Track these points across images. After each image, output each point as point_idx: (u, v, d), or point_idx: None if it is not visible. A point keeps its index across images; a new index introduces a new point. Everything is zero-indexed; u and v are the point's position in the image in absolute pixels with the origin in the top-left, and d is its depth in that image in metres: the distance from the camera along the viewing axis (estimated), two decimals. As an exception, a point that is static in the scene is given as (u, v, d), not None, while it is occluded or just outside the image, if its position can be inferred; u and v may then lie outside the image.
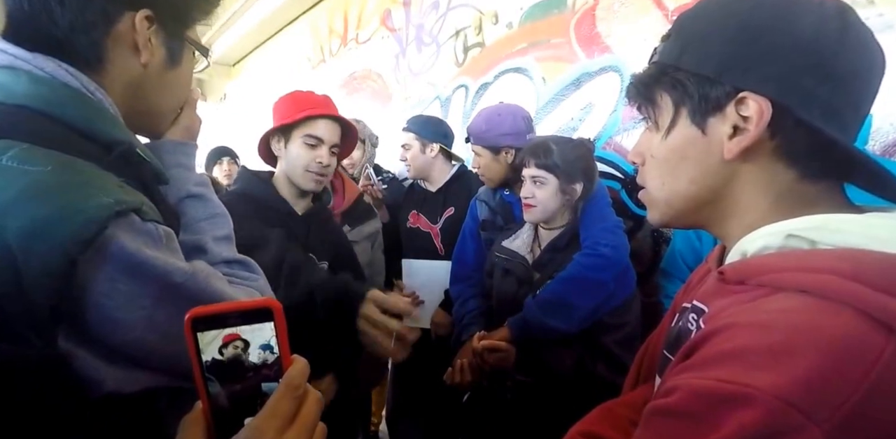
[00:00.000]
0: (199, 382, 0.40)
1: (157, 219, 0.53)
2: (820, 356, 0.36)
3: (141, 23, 0.59)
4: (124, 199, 0.48)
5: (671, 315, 0.66)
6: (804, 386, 0.35)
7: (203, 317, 0.40)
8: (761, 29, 0.46)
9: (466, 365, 1.35)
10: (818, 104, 0.45)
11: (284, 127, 1.39)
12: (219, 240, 0.70)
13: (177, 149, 0.74)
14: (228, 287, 0.59)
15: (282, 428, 0.39)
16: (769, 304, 0.42)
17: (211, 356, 0.40)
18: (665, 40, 0.53)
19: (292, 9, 3.85)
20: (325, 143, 1.40)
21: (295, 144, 1.39)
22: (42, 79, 0.54)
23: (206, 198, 0.73)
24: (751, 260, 0.48)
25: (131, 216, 0.49)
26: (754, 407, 0.35)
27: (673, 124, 0.52)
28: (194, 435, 0.39)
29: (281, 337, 0.41)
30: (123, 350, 0.50)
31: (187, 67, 0.69)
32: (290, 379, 0.41)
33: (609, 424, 0.66)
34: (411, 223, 2.06)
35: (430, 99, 2.70)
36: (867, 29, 0.47)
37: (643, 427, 0.44)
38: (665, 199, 0.55)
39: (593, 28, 1.88)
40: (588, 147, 1.39)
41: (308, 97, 1.44)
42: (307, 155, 1.38)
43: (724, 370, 0.39)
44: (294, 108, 1.40)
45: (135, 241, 0.49)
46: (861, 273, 0.39)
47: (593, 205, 1.40)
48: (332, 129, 1.42)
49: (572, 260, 1.33)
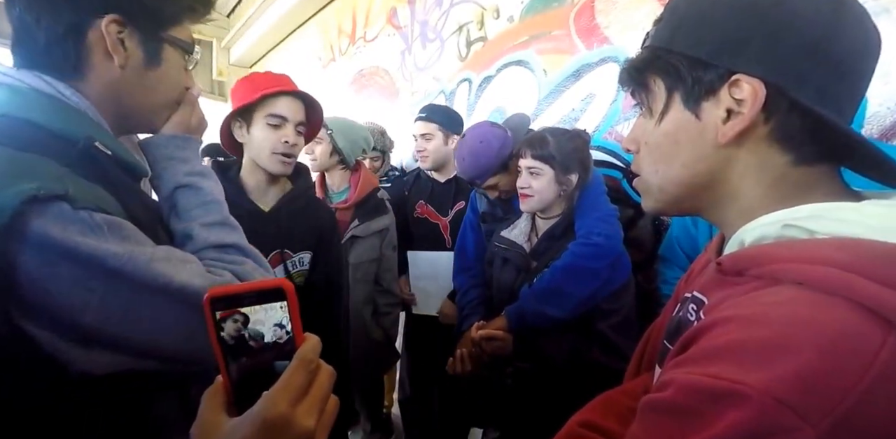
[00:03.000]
0: (220, 358, 0.41)
1: (92, 207, 0.52)
2: (815, 352, 0.33)
3: (108, 27, 0.60)
4: (47, 186, 0.49)
5: (673, 303, 0.63)
6: (798, 384, 0.32)
7: (220, 297, 0.41)
8: (754, 10, 0.43)
9: (466, 355, 1.34)
10: (812, 85, 0.42)
11: (243, 110, 1.26)
12: (207, 226, 0.69)
13: (168, 143, 0.73)
14: (185, 272, 0.57)
15: (295, 400, 0.40)
16: (766, 297, 0.39)
17: (227, 334, 0.41)
18: (657, 24, 0.50)
19: (304, 11, 3.84)
20: (289, 122, 1.27)
21: (257, 127, 1.26)
22: (20, 89, 0.58)
23: (197, 186, 0.72)
24: (748, 250, 0.45)
25: (58, 204, 0.50)
26: (747, 405, 0.32)
27: (666, 109, 0.49)
28: (215, 406, 0.41)
29: (293, 316, 0.42)
30: (86, 333, 0.51)
31: (173, 66, 0.68)
32: (303, 354, 0.42)
33: (608, 413, 0.64)
34: (419, 213, 2.02)
35: (436, 93, 2.66)
36: (863, 9, 0.44)
37: (637, 421, 0.42)
38: (659, 185, 0.52)
39: (592, 20, 1.83)
40: (584, 138, 1.36)
41: (265, 76, 1.31)
42: (272, 136, 1.26)
43: (717, 366, 0.36)
44: (251, 89, 1.26)
45: (62, 228, 0.49)
46: (859, 264, 0.36)
47: (588, 195, 1.37)
48: (295, 106, 1.29)
49: (567, 249, 1.30)
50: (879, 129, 1.17)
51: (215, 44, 5.01)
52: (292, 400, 0.39)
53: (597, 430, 0.61)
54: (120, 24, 0.61)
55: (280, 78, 1.31)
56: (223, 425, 0.39)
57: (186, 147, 0.75)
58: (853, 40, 0.43)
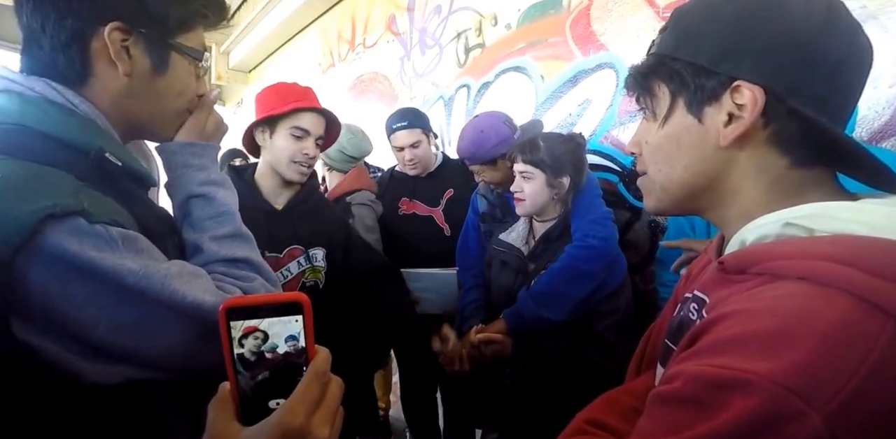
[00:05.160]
0: (230, 368, 0.41)
1: (108, 222, 0.52)
2: (818, 342, 0.34)
3: (111, 35, 0.59)
4: (64, 202, 0.49)
5: (672, 304, 0.65)
6: (803, 371, 0.33)
7: (236, 308, 0.41)
8: (753, 20, 0.45)
9: (465, 356, 1.34)
10: (807, 92, 0.44)
11: (271, 118, 1.35)
12: (219, 240, 0.68)
13: (183, 150, 0.72)
14: (198, 288, 0.56)
15: (310, 411, 0.41)
16: (768, 292, 0.41)
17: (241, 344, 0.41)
18: (662, 32, 0.52)
19: (304, 17, 3.83)
20: (311, 135, 1.36)
21: (280, 136, 1.35)
22: (31, 98, 0.57)
23: (210, 197, 0.71)
24: (749, 249, 0.46)
25: (74, 219, 0.49)
26: (754, 392, 0.34)
27: (670, 113, 0.51)
28: (223, 416, 0.41)
29: (308, 329, 0.43)
30: (96, 346, 0.51)
31: (181, 73, 0.66)
32: (317, 367, 0.43)
33: (613, 412, 0.65)
34: (405, 210, 1.98)
35: (434, 99, 2.67)
36: (854, 20, 0.46)
37: (647, 413, 0.43)
38: (661, 185, 0.54)
39: (588, 27, 1.85)
40: (578, 142, 1.38)
41: (293, 89, 1.39)
42: (293, 146, 1.34)
43: (724, 357, 0.37)
44: (280, 100, 1.35)
45: (78, 243, 0.49)
46: (858, 259, 0.37)
47: (583, 198, 1.38)
48: (319, 122, 1.39)
49: (564, 251, 1.31)
50: (868, 132, 1.19)
51: (214, 48, 5.02)
52: (308, 411, 0.41)
53: (602, 427, 0.62)
54: (124, 32, 0.60)
55: (306, 92, 1.40)
56: (238, 435, 0.40)
57: (203, 154, 0.73)
58: (846, 49, 0.45)
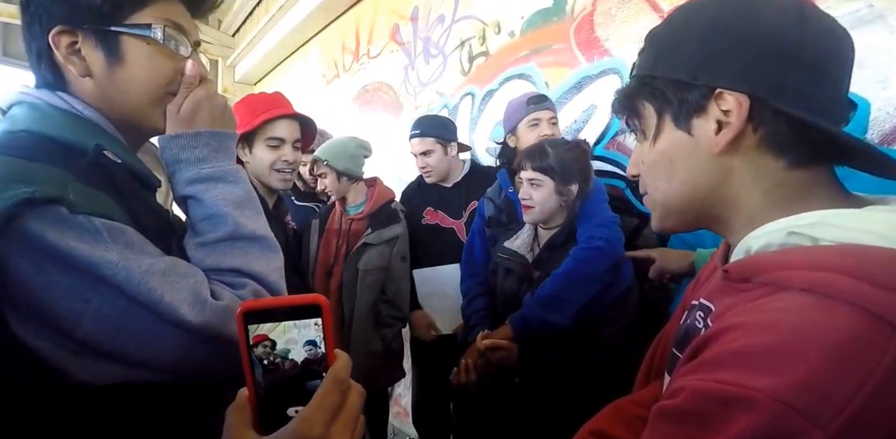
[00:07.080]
0: (248, 374, 0.40)
1: (91, 212, 0.50)
2: (822, 357, 0.33)
3: (54, 40, 0.59)
4: (43, 189, 0.48)
5: (680, 311, 0.64)
6: (806, 388, 0.32)
7: (254, 310, 0.40)
8: (725, 28, 0.46)
9: (472, 365, 1.33)
10: (790, 91, 0.44)
11: (246, 135, 1.37)
12: (207, 246, 0.63)
13: (170, 145, 0.66)
14: (183, 290, 0.53)
15: (329, 420, 0.39)
16: (773, 304, 0.40)
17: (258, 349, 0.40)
18: (641, 54, 0.53)
19: (308, 29, 3.88)
20: (287, 142, 1.40)
21: (258, 148, 1.39)
22: (38, 106, 0.60)
23: (198, 198, 0.65)
24: (754, 257, 0.46)
25: (54, 207, 0.48)
26: (757, 409, 0.33)
27: (659, 131, 0.51)
28: (240, 424, 0.40)
29: (327, 334, 0.41)
30: (82, 342, 0.49)
31: (140, 56, 0.62)
32: (336, 373, 0.41)
33: (619, 422, 0.64)
34: (428, 220, 1.99)
35: (439, 107, 2.68)
36: (826, 15, 0.46)
37: (649, 428, 0.42)
38: (661, 203, 0.54)
39: (592, 33, 1.85)
40: (583, 148, 1.38)
41: (261, 99, 1.43)
42: (271, 155, 1.39)
43: (727, 372, 0.36)
44: (250, 113, 1.37)
45: (59, 232, 0.48)
46: (863, 270, 0.36)
47: (589, 203, 1.38)
48: (292, 127, 1.42)
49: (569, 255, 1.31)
50: (879, 134, 1.17)
51: (220, 62, 5.10)
52: (327, 420, 0.39)
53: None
54: (70, 34, 0.59)
55: (275, 99, 1.42)
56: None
57: (195, 145, 0.65)
58: (822, 44, 0.45)
